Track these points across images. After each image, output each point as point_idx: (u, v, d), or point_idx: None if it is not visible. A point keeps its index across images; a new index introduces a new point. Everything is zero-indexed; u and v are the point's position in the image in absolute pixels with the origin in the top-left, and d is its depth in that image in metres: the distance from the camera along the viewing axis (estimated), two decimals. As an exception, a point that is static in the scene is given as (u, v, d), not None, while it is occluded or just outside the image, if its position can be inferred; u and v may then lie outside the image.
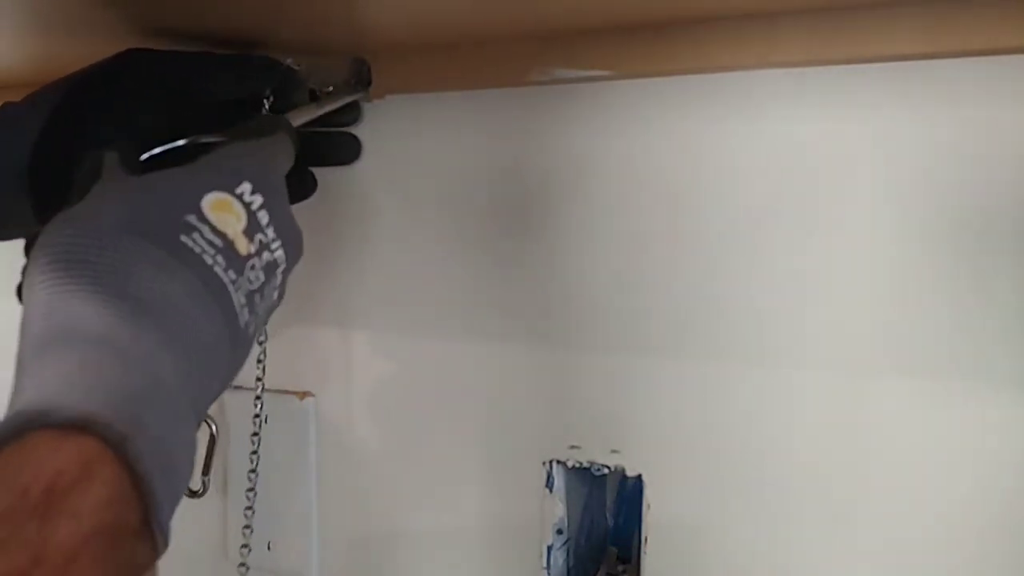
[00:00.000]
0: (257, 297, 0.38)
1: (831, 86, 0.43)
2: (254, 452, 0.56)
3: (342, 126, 0.55)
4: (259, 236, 0.38)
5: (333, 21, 0.48)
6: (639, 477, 0.49)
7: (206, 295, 0.35)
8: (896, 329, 0.42)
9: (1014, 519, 0.40)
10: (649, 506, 0.48)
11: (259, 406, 0.56)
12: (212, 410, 0.61)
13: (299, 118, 0.47)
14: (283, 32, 0.50)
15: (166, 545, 0.31)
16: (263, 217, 0.38)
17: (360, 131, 0.55)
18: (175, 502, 0.32)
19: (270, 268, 0.39)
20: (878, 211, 0.42)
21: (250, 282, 0.37)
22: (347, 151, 0.55)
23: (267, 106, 0.48)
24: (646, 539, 0.49)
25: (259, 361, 0.55)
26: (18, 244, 0.44)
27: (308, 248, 0.42)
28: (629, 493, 0.52)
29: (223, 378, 0.37)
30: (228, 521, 0.62)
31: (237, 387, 0.62)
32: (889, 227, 0.42)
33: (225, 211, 0.37)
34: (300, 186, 0.50)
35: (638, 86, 0.47)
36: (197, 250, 0.35)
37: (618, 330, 0.49)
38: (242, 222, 0.37)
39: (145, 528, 0.30)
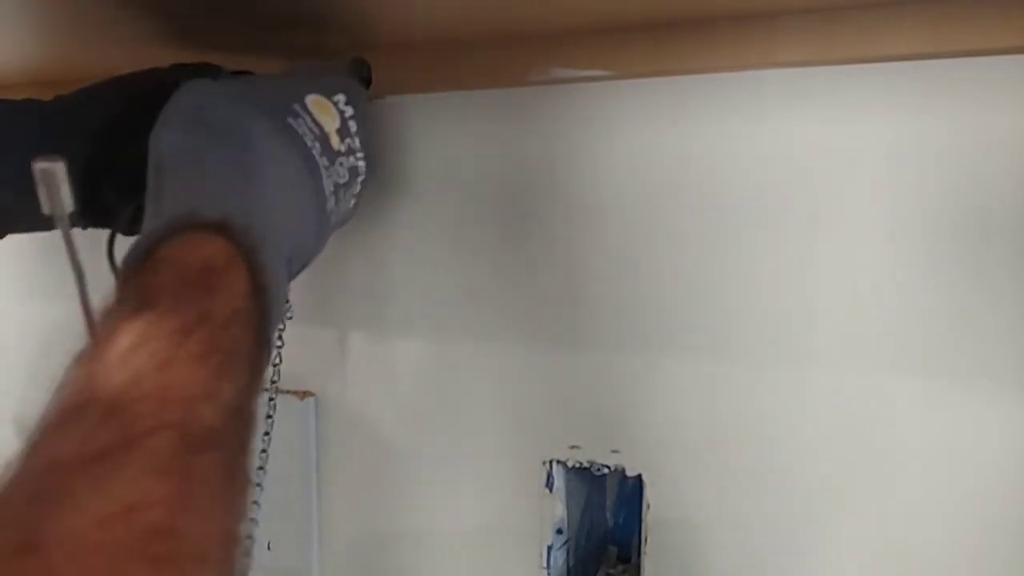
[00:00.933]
0: (342, 192, 0.43)
1: (831, 86, 0.43)
2: (263, 451, 0.56)
3: None
4: (348, 140, 0.43)
5: (333, 21, 0.48)
6: (639, 477, 0.49)
7: (304, 169, 0.40)
8: (896, 329, 0.42)
9: (1015, 519, 0.40)
10: (649, 506, 0.48)
11: (272, 406, 0.55)
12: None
13: None
14: (284, 33, 0.50)
15: (269, 357, 0.35)
16: (352, 126, 0.43)
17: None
18: (274, 328, 0.35)
19: (353, 173, 0.44)
20: (878, 211, 0.42)
21: (338, 175, 0.42)
22: None
23: None
24: (646, 539, 0.49)
25: (274, 365, 0.54)
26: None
27: (308, 248, 0.42)
28: (629, 493, 0.52)
29: (309, 248, 0.41)
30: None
31: (237, 387, 0.62)
32: (889, 226, 0.42)
33: (324, 111, 0.42)
34: None
35: (638, 86, 0.47)
36: (300, 131, 0.40)
37: (618, 330, 0.49)
38: (336, 123, 0.42)
39: (262, 336, 0.33)
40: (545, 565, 0.51)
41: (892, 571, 0.43)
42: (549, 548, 0.51)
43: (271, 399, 0.55)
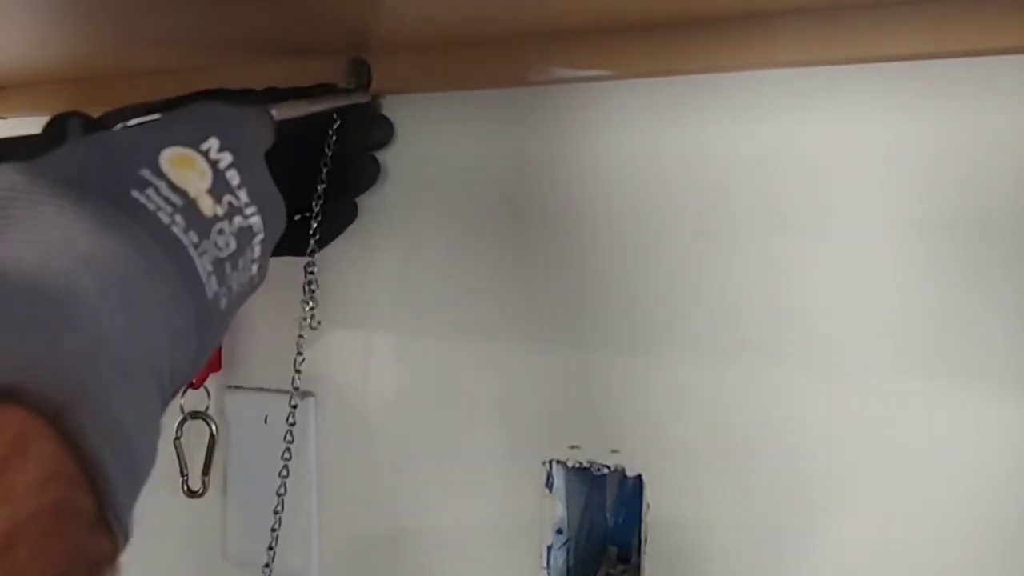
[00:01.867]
0: (228, 266, 0.34)
1: (831, 86, 0.43)
2: (286, 451, 0.55)
3: (374, 146, 0.54)
4: (228, 198, 0.34)
5: (333, 21, 0.48)
6: (639, 477, 0.49)
7: (163, 256, 0.31)
8: (896, 329, 0.42)
9: (1016, 519, 0.40)
10: (649, 506, 0.48)
11: (295, 406, 0.54)
12: (212, 410, 0.61)
13: (286, 112, 0.43)
14: (284, 33, 0.50)
15: (127, 538, 0.27)
16: (232, 177, 0.34)
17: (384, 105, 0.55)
18: (135, 488, 0.28)
19: (244, 235, 0.34)
20: (878, 211, 0.42)
21: (218, 248, 0.33)
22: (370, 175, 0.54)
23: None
24: (646, 539, 0.49)
25: (297, 371, 0.54)
26: None
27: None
28: (629, 493, 0.52)
29: (192, 354, 0.32)
30: (228, 521, 0.63)
31: (237, 387, 0.62)
32: (889, 227, 0.42)
33: (186, 167, 0.33)
34: (341, 214, 0.52)
35: (638, 86, 0.47)
36: (151, 207, 0.31)
37: (618, 330, 0.49)
38: (206, 181, 0.33)
39: (100, 516, 0.26)
40: (545, 565, 0.51)
41: (893, 571, 0.43)
42: (549, 548, 0.51)
43: (294, 406, 0.54)
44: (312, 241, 0.52)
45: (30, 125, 0.44)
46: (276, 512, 0.55)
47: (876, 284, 0.43)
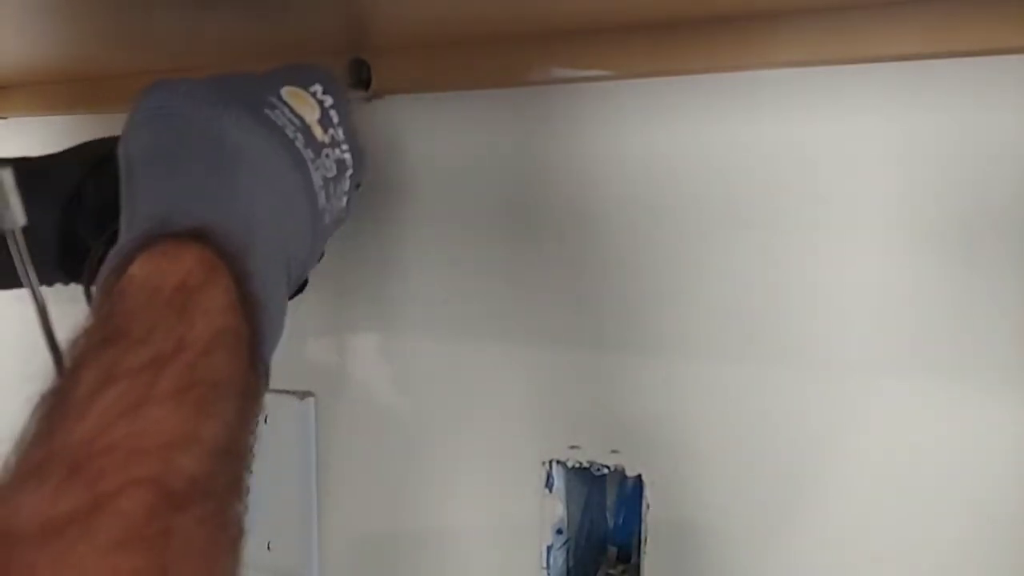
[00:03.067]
0: (331, 187, 0.39)
1: (831, 86, 0.43)
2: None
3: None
4: (331, 131, 0.39)
5: (333, 21, 0.48)
6: (639, 477, 0.49)
7: (290, 163, 0.36)
8: (896, 328, 0.42)
9: (1016, 519, 0.40)
10: (649, 506, 0.48)
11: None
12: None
13: None
14: (284, 33, 0.50)
15: (267, 381, 0.31)
16: (334, 116, 0.40)
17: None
18: (272, 345, 0.32)
19: (341, 166, 0.40)
20: (879, 211, 0.42)
21: (326, 168, 0.38)
22: None
23: None
24: (646, 539, 0.49)
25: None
26: None
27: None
28: (629, 493, 0.52)
29: (306, 252, 0.37)
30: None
31: (237, 387, 0.62)
32: (889, 226, 0.42)
33: (301, 101, 0.38)
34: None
35: (638, 86, 0.47)
36: (280, 122, 0.36)
37: (619, 330, 0.49)
38: (316, 113, 0.39)
39: (254, 353, 0.30)
40: (545, 565, 0.51)
41: (893, 570, 0.43)
42: (549, 548, 0.51)
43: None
44: None
45: (30, 125, 0.44)
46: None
47: (876, 283, 0.43)
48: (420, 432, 0.55)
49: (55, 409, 0.25)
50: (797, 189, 0.44)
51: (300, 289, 0.50)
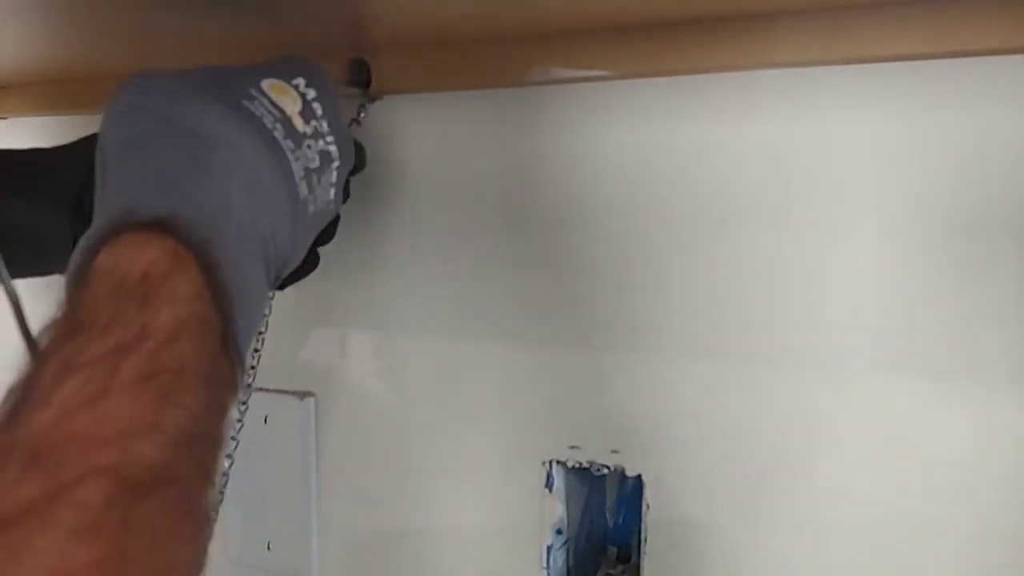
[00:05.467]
0: (314, 178, 0.39)
1: (831, 86, 0.43)
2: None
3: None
4: (314, 123, 0.39)
5: (333, 21, 0.48)
6: (639, 477, 0.49)
7: (267, 153, 0.36)
8: (896, 328, 0.42)
9: (1016, 519, 0.40)
10: (649, 506, 0.48)
11: (242, 411, 0.54)
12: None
13: None
14: (284, 33, 0.50)
15: (243, 372, 0.31)
16: (317, 109, 0.40)
17: (359, 132, 0.55)
18: (248, 336, 0.32)
19: (325, 158, 0.40)
20: (878, 211, 0.42)
21: (307, 159, 0.38)
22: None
23: None
24: (646, 539, 0.49)
25: (252, 367, 0.53)
26: None
27: (308, 248, 0.42)
28: (629, 493, 0.52)
29: (288, 242, 0.37)
30: (228, 521, 0.62)
31: (237, 387, 0.62)
32: (889, 226, 0.42)
33: (281, 93, 0.39)
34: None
35: (638, 86, 0.47)
36: (258, 113, 0.36)
37: (618, 330, 0.49)
38: (297, 105, 0.39)
39: (226, 342, 0.30)
40: (545, 565, 0.51)
41: (893, 570, 0.43)
42: (549, 548, 0.51)
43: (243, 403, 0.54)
44: None
45: (30, 125, 0.44)
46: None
47: (876, 284, 0.43)
48: (420, 432, 0.55)
49: (19, 400, 0.25)
50: (797, 189, 0.44)
51: (312, 267, 0.50)
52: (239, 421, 0.54)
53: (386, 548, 0.58)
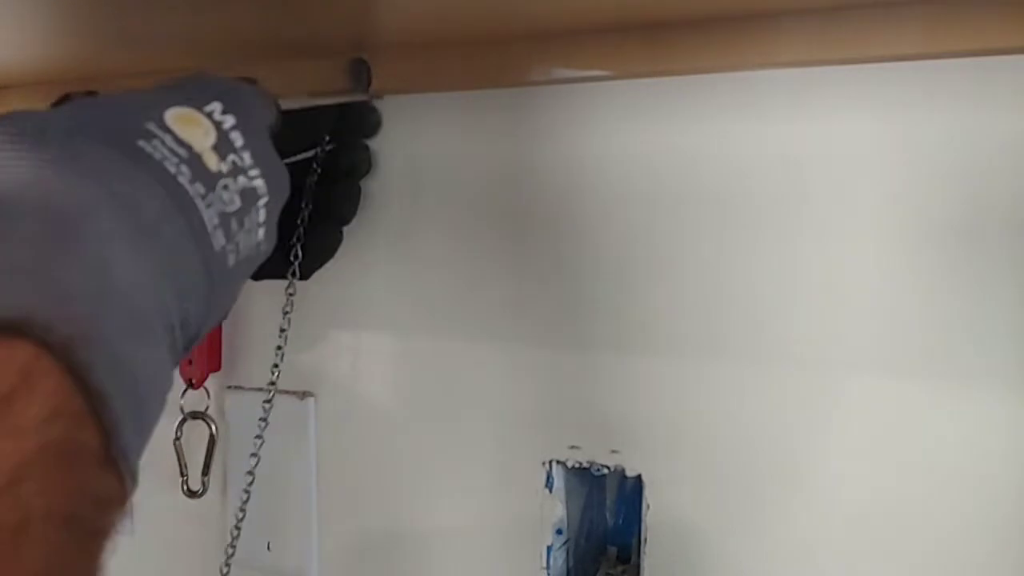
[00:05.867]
0: (234, 223, 0.34)
1: (831, 86, 0.43)
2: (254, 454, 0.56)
3: (354, 175, 0.54)
4: (232, 157, 0.34)
5: (333, 21, 0.48)
6: (639, 477, 0.49)
7: (169, 203, 0.31)
8: (896, 329, 0.42)
9: (1015, 519, 0.40)
10: (649, 506, 0.48)
11: (267, 409, 0.55)
12: (212, 410, 0.61)
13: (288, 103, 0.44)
14: (284, 33, 0.50)
15: (134, 481, 0.26)
16: (236, 139, 0.35)
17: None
18: (143, 433, 0.27)
19: (248, 195, 0.34)
20: (878, 211, 0.42)
21: (223, 202, 0.33)
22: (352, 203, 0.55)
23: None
24: (646, 539, 0.49)
25: (275, 366, 0.54)
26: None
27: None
28: (629, 493, 0.52)
29: (203, 305, 0.32)
30: (228, 521, 0.62)
31: (237, 387, 0.62)
32: (889, 226, 0.42)
33: (191, 124, 0.33)
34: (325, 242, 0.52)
35: (638, 86, 0.47)
36: (157, 156, 0.31)
37: (618, 330, 0.49)
38: (211, 138, 0.34)
39: (107, 456, 0.25)
40: (545, 565, 0.51)
41: (893, 571, 0.43)
42: (549, 548, 0.51)
43: (267, 402, 0.54)
44: (295, 264, 0.52)
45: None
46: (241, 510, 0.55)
47: (876, 284, 0.43)
48: (420, 432, 0.55)
49: None
50: (796, 189, 0.44)
51: (334, 249, 0.52)
52: (263, 420, 0.54)
53: (386, 548, 0.58)
